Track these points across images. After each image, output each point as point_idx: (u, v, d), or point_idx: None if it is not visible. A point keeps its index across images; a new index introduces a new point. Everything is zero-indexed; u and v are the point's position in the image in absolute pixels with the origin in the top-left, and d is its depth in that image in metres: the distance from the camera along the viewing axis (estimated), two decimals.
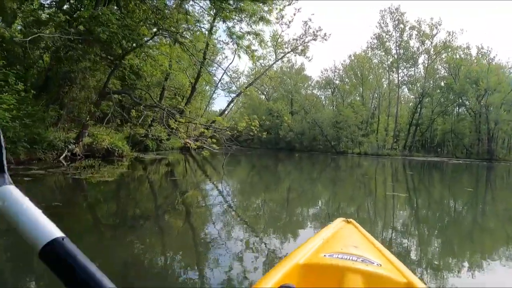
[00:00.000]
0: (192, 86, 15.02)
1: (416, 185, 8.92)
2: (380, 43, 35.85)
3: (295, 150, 35.67)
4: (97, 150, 8.17)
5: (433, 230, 4.03)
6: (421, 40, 34.66)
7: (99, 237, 3.01)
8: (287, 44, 22.57)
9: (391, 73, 37.43)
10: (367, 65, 38.15)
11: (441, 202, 6.34)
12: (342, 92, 41.88)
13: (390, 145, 34.81)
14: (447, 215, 5.07)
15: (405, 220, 4.57)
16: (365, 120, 35.45)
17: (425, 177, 11.44)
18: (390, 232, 3.81)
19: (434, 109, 34.96)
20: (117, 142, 8.55)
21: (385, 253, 1.35)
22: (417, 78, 36.42)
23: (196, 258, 2.60)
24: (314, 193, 6.66)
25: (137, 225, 3.43)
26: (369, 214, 4.76)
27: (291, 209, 4.90)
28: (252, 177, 9.48)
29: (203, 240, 3.08)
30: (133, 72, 9.22)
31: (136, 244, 2.83)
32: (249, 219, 4.01)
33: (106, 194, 5.29)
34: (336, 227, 1.66)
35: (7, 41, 7.36)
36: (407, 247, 3.20)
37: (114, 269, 2.18)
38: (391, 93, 37.54)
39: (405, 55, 35.44)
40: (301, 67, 42.45)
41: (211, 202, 5.02)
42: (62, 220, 3.14)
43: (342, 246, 1.32)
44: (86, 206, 4.48)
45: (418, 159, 27.13)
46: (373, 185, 8.17)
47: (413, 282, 1.11)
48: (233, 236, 3.12)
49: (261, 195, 6.06)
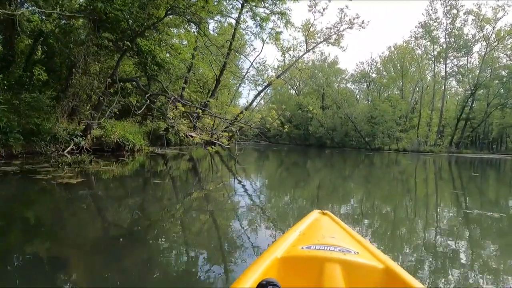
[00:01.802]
0: (217, 79, 14.68)
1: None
2: (426, 32, 32.64)
3: (325, 146, 34.23)
4: (107, 144, 7.62)
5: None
6: (479, 25, 30.80)
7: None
8: (320, 34, 21.24)
9: (437, 64, 34.04)
10: (409, 57, 35.16)
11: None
12: (379, 85, 39.26)
13: (434, 141, 31.79)
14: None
15: (453, 224, 3.67)
16: (404, 115, 32.75)
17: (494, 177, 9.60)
18: (436, 236, 3.09)
19: (490, 101, 31.07)
20: (128, 135, 8.00)
21: (362, 241, 1.36)
22: (470, 69, 32.56)
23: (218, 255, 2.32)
24: (346, 191, 6.02)
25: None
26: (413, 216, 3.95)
27: (321, 207, 4.29)
28: (280, 173, 8.83)
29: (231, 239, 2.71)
30: (156, 62, 9.01)
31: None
32: (273, 216, 3.60)
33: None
34: (312, 219, 1.66)
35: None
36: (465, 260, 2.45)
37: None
38: (436, 85, 34.16)
39: (456, 43, 31.84)
40: (335, 60, 40.63)
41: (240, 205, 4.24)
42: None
43: (319, 238, 1.33)
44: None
45: (468, 156, 24.30)
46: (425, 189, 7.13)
47: (391, 266, 1.13)
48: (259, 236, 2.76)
49: (289, 192, 5.61)
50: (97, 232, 2.87)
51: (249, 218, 3.39)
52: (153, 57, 8.63)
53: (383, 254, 1.23)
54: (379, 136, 31.49)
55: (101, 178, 5.27)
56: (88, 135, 7.33)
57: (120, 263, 2.12)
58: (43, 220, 3.15)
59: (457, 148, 30.39)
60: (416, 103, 35.25)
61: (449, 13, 31.20)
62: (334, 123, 34.65)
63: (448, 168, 12.95)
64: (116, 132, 7.68)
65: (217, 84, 14.95)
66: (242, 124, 10.48)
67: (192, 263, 2.13)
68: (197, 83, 14.83)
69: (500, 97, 31.26)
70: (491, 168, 12.81)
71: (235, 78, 20.62)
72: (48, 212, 3.45)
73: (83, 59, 7.08)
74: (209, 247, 2.51)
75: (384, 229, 3.32)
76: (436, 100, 34.36)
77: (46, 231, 2.73)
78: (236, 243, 2.54)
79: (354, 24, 21.05)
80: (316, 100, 37.30)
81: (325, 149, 29.71)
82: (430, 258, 2.41)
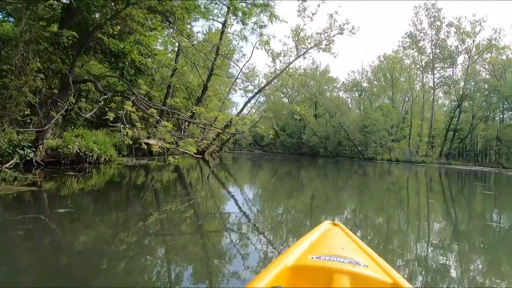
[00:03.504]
0: (204, 85, 14.03)
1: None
2: (413, 42, 33.12)
3: (318, 155, 33.86)
4: (65, 155, 6.38)
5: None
6: (460, 38, 31.46)
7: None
8: (310, 39, 20.99)
9: (425, 74, 34.52)
10: (398, 66, 35.59)
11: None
12: (370, 94, 39.51)
13: (425, 152, 31.88)
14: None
15: (443, 236, 3.48)
16: (395, 124, 32.84)
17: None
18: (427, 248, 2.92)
19: (475, 113, 31.48)
20: (92, 145, 6.82)
21: (372, 254, 1.36)
22: (456, 80, 33.08)
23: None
24: (340, 202, 5.63)
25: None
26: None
27: (315, 218, 4.00)
28: (274, 182, 8.20)
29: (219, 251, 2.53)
30: (135, 66, 8.26)
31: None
32: (267, 229, 3.27)
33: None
34: (323, 229, 1.66)
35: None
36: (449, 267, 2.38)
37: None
38: (425, 95, 34.52)
39: (442, 54, 32.37)
40: (326, 68, 40.77)
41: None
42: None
43: (329, 248, 1.34)
44: None
45: (458, 167, 24.19)
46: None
47: (399, 282, 1.13)
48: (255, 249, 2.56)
49: (283, 202, 5.26)
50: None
51: (239, 230, 3.18)
52: (132, 61, 7.94)
53: (392, 269, 1.23)
54: (371, 145, 31.35)
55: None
56: (40, 146, 6.08)
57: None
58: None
59: (446, 159, 30.46)
60: (407, 113, 35.51)
61: (433, 24, 31.82)
62: (327, 132, 34.47)
63: (451, 181, 12.53)
64: (77, 142, 6.51)
65: (204, 91, 14.25)
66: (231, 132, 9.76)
67: (203, 268, 2.15)
68: (185, 90, 14.14)
69: (484, 110, 31.78)
70: (501, 184, 12.19)
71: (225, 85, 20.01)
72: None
73: (21, 57, 5.85)
74: (214, 256, 2.40)
75: (392, 242, 3.09)
76: (426, 110, 34.66)
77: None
78: (238, 253, 2.44)
79: (344, 29, 20.95)
80: (309, 108, 37.16)
81: (318, 158, 29.24)
82: (437, 274, 2.28)
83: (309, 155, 34.37)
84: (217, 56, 11.67)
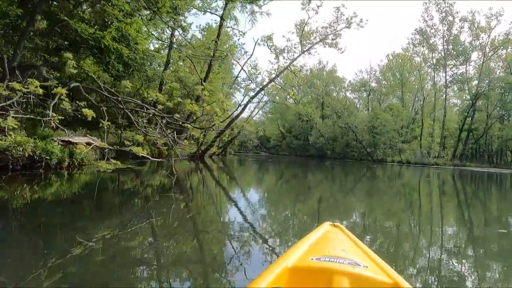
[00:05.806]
0: (201, 83, 13.29)
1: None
2: (423, 39, 31.83)
3: (326, 157, 32.85)
4: (15, 159, 5.39)
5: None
6: (475, 33, 30.05)
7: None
8: (316, 34, 20.02)
9: (437, 73, 33.15)
10: (408, 65, 34.31)
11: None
12: (379, 94, 38.31)
13: (437, 153, 30.49)
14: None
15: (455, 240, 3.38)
16: (405, 125, 31.56)
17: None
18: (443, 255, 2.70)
19: (490, 113, 29.98)
20: (53, 148, 5.86)
21: (372, 255, 1.36)
22: (469, 78, 31.62)
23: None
24: (347, 206, 5.39)
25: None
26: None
27: (321, 222, 3.43)
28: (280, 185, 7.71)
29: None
30: (122, 61, 7.57)
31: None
32: (270, 233, 3.18)
33: None
34: (323, 231, 1.66)
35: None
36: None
37: None
38: (437, 94, 33.14)
39: (455, 50, 30.98)
40: (333, 68, 39.77)
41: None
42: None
43: (329, 250, 1.35)
44: None
45: (474, 169, 22.87)
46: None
47: (399, 282, 1.13)
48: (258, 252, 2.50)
49: (288, 206, 5.05)
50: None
51: (245, 233, 3.04)
52: (120, 56, 7.27)
53: (392, 270, 1.21)
54: (381, 146, 30.18)
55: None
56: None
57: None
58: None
59: (460, 161, 29.04)
60: (417, 113, 34.20)
61: (445, 19, 30.48)
62: (334, 133, 33.44)
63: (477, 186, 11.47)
64: (30, 143, 5.44)
65: (206, 79, 13.33)
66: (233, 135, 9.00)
67: (203, 268, 2.14)
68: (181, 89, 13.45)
69: (501, 108, 30.27)
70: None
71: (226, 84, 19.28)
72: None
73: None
74: (217, 257, 2.40)
75: (400, 248, 2.93)
76: (437, 109, 33.27)
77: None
78: (241, 254, 2.41)
79: (352, 23, 19.98)
80: (315, 109, 36.24)
81: (325, 160, 28.26)
82: (439, 277, 2.21)
83: (316, 157, 33.40)
84: (215, 53, 10.94)
